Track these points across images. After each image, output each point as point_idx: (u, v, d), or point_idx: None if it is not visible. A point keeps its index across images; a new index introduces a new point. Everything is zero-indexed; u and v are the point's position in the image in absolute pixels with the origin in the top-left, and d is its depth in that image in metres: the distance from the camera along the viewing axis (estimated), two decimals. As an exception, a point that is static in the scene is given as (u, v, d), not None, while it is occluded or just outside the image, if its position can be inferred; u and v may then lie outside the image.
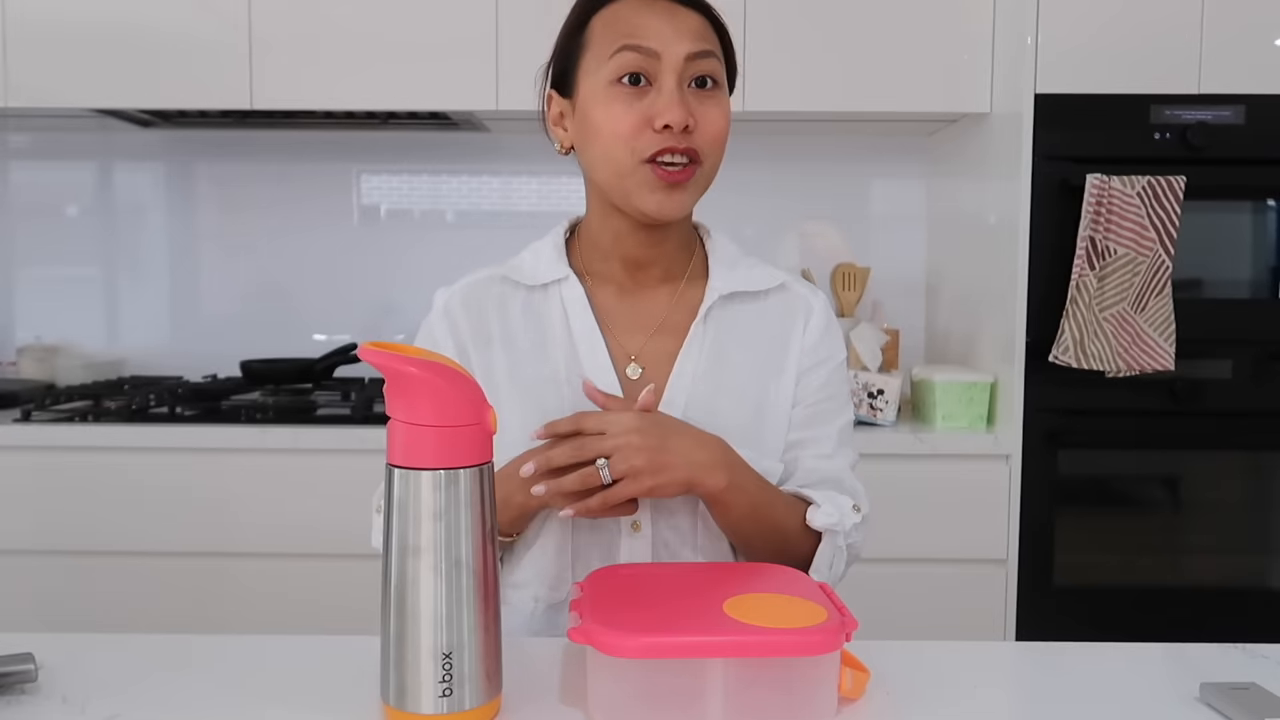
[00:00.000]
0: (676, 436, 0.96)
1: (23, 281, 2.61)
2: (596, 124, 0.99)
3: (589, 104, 1.00)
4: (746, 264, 1.12)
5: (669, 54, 0.98)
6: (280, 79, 2.16)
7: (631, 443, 0.93)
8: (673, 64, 0.98)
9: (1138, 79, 1.96)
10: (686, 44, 0.98)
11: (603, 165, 1.01)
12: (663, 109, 0.97)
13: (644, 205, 1.00)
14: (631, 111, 0.98)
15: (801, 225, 2.56)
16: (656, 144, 0.97)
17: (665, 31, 0.98)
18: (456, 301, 1.09)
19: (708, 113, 0.99)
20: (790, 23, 2.15)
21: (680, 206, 1.01)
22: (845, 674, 0.77)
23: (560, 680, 0.83)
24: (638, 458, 0.93)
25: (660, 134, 0.97)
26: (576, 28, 1.03)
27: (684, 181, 0.99)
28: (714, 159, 1.01)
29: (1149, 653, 0.91)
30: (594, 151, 1.01)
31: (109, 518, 2.01)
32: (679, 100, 0.97)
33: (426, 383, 0.72)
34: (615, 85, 0.98)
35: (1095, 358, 1.93)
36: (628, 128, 0.97)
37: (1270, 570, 2.06)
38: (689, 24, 1.00)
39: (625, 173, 0.99)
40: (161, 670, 0.85)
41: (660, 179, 0.98)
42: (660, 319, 1.08)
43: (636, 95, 0.98)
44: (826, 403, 1.10)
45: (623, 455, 0.93)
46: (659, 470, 0.94)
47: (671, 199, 0.99)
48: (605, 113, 0.99)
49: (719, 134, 1.00)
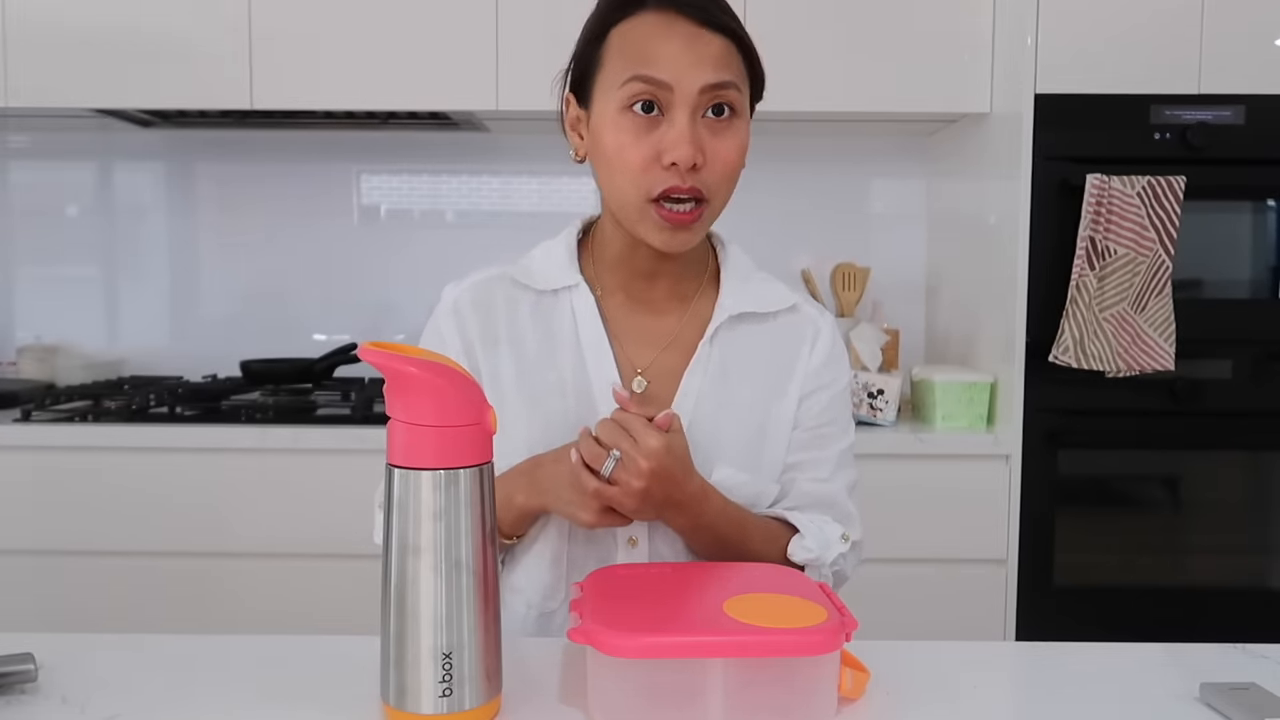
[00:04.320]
0: (678, 479, 0.95)
1: (23, 281, 2.61)
2: (606, 150, 0.98)
3: (601, 126, 0.98)
4: (759, 279, 1.11)
5: (683, 86, 0.94)
6: (280, 79, 2.16)
7: (641, 465, 0.91)
8: (686, 97, 0.94)
9: (1138, 79, 1.96)
10: (704, 75, 0.94)
11: (611, 188, 1.00)
12: (670, 145, 0.94)
13: (650, 240, 0.99)
14: (640, 145, 0.95)
15: (801, 225, 2.56)
16: (663, 182, 0.95)
17: (681, 61, 0.94)
18: (466, 299, 1.08)
19: (720, 147, 0.96)
20: (790, 23, 2.15)
21: (686, 243, 1.00)
22: (845, 674, 0.77)
23: (560, 680, 0.83)
24: (637, 480, 0.92)
25: (668, 171, 0.95)
26: (595, 38, 1.00)
27: (689, 223, 0.97)
28: (723, 195, 0.99)
29: (1149, 653, 0.91)
30: (604, 173, 1.00)
31: (109, 518, 2.01)
32: (689, 137, 0.94)
33: (426, 383, 0.72)
34: (626, 113, 0.96)
35: (1095, 358, 1.93)
36: (636, 161, 0.95)
37: (1270, 570, 2.06)
38: (709, 50, 0.95)
39: (631, 208, 0.98)
40: (161, 670, 0.85)
41: (665, 221, 0.96)
42: (669, 334, 1.07)
43: (647, 126, 0.95)
44: (828, 427, 1.09)
45: (628, 467, 0.92)
46: (645, 499, 0.93)
47: (677, 238, 0.98)
48: (615, 141, 0.96)
49: (729, 169, 0.98)
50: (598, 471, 0.93)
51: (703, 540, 1.01)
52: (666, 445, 0.93)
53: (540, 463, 1.00)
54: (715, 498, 1.00)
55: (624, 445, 0.92)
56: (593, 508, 0.95)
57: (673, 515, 0.97)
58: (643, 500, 0.93)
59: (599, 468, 0.93)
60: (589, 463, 0.93)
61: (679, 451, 0.95)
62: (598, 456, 0.93)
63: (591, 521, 0.95)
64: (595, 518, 0.95)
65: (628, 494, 0.93)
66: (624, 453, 0.92)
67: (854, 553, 1.08)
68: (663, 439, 0.93)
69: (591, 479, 0.93)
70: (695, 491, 0.97)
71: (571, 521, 0.99)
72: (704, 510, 0.98)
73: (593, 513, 0.95)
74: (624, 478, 0.92)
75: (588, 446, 0.94)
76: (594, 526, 0.97)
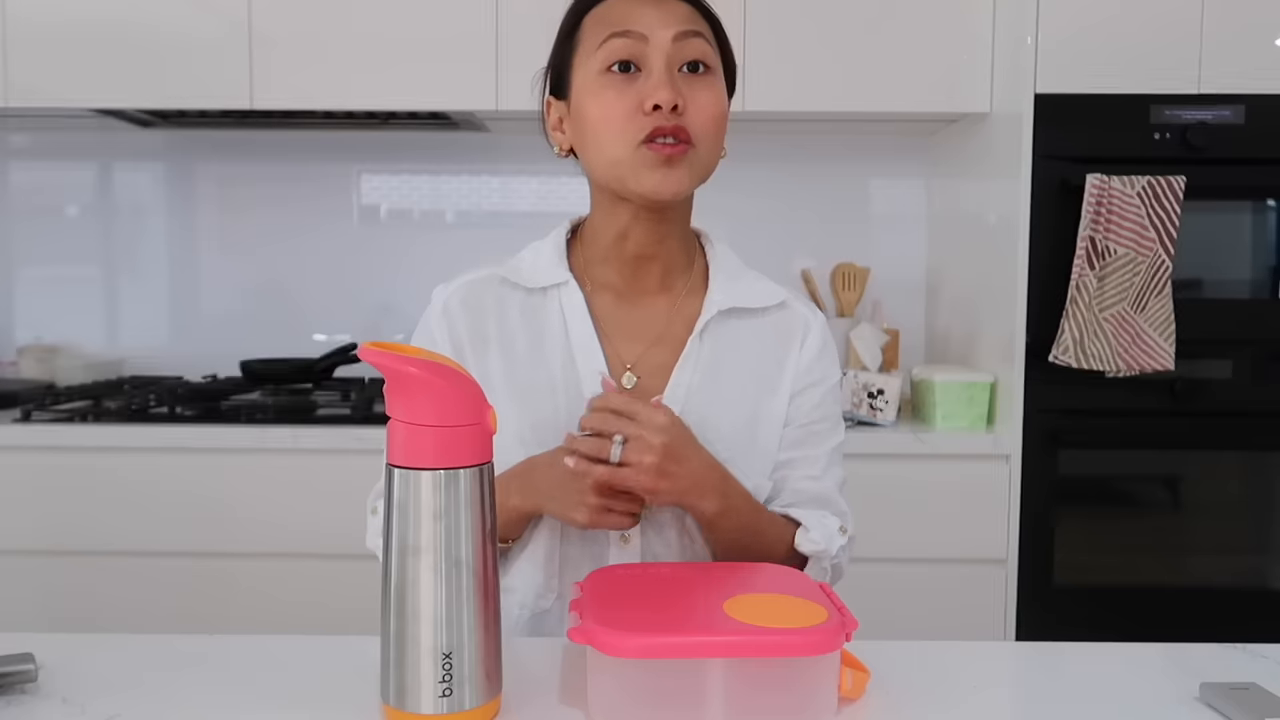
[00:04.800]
0: (692, 452, 0.96)
1: (23, 281, 2.61)
2: (590, 114, 1.00)
3: (582, 96, 1.01)
4: (748, 277, 1.11)
5: (656, 36, 0.98)
6: (280, 79, 2.16)
7: (652, 440, 0.93)
8: (661, 46, 0.98)
9: (1138, 79, 1.96)
10: (674, 25, 0.99)
11: (599, 154, 1.01)
12: (651, 90, 0.97)
13: (642, 186, 0.99)
14: (623, 98, 0.98)
15: (801, 225, 2.56)
16: (648, 125, 0.97)
17: (652, 16, 0.99)
18: (455, 301, 1.08)
19: (698, 95, 0.99)
20: (790, 23, 2.15)
21: (678, 184, 0.99)
22: (845, 674, 0.77)
23: (560, 680, 0.83)
24: (650, 455, 0.93)
25: (651, 115, 0.97)
26: (569, 31, 1.04)
27: (679, 157, 0.98)
28: (708, 143, 1.00)
29: (1149, 653, 0.91)
30: (590, 142, 1.01)
31: (109, 518, 2.01)
32: (668, 81, 0.97)
33: (426, 383, 0.72)
34: (606, 74, 0.99)
35: (1095, 358, 1.93)
36: (620, 113, 0.98)
37: (1270, 570, 2.06)
38: (676, 11, 1.00)
39: (621, 158, 0.99)
40: (161, 670, 0.85)
41: (655, 154, 0.97)
42: (658, 329, 1.07)
43: (627, 82, 0.99)
44: (819, 424, 1.09)
45: (638, 447, 0.93)
46: (663, 475, 0.94)
47: (669, 177, 0.98)
48: (597, 101, 0.99)
49: (711, 116, 1.00)
50: (605, 460, 0.93)
51: (727, 527, 1.00)
52: (673, 418, 0.95)
53: (535, 464, 1.00)
54: (734, 478, 1.00)
55: (629, 429, 0.93)
56: (589, 507, 0.95)
57: (698, 498, 0.97)
58: (658, 476, 0.93)
59: (604, 457, 0.93)
60: (592, 455, 0.94)
61: (682, 425, 0.96)
62: (600, 447, 0.93)
63: (586, 522, 0.95)
64: (591, 518, 0.95)
65: (642, 471, 0.93)
66: (630, 435, 0.92)
67: (849, 547, 1.09)
68: (668, 413, 0.95)
69: (599, 467, 0.93)
70: (712, 464, 0.98)
71: (567, 523, 0.99)
72: (730, 489, 0.99)
73: (588, 513, 0.95)
74: (635, 458, 0.93)
75: (587, 443, 0.94)
76: (589, 528, 0.97)
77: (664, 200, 1.01)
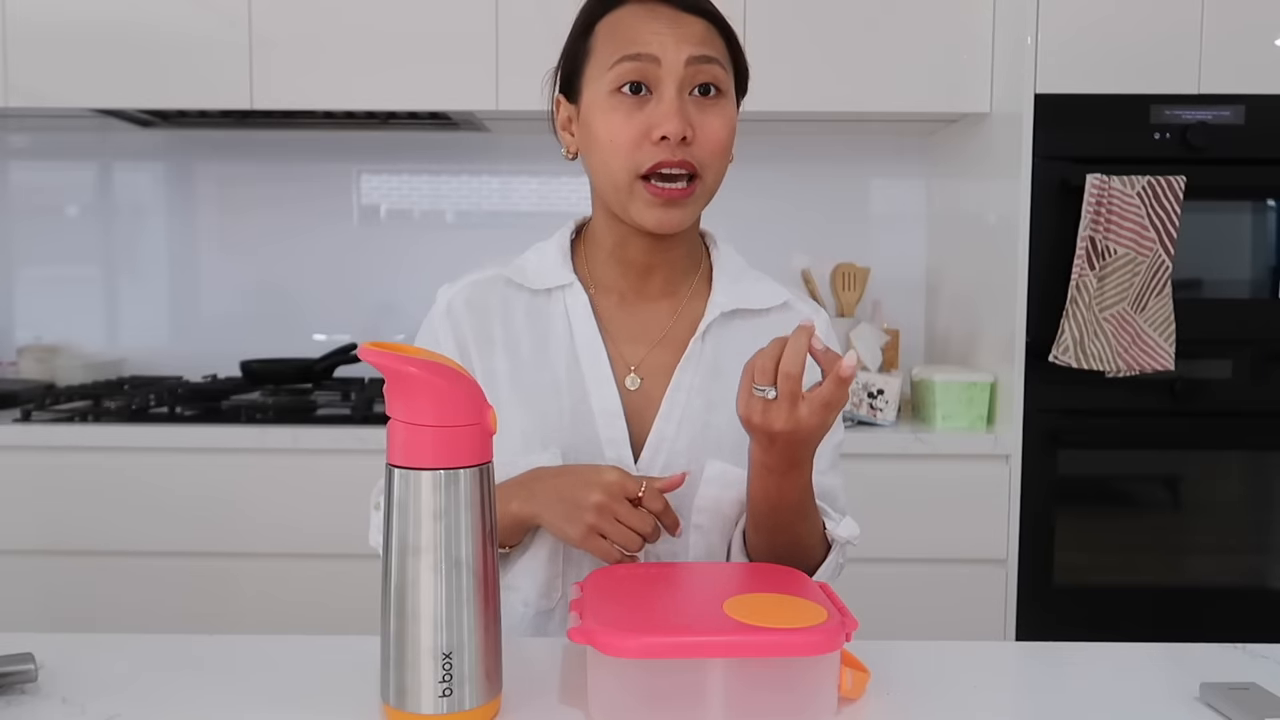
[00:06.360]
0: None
1: (23, 281, 2.61)
2: (597, 134, 0.99)
3: (591, 113, 1.00)
4: (751, 278, 1.11)
5: (669, 59, 0.96)
6: (280, 79, 2.16)
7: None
8: (673, 70, 0.97)
9: (1137, 79, 1.96)
10: (688, 49, 0.97)
11: (603, 173, 1.00)
12: (660, 119, 0.96)
13: (642, 220, 0.99)
14: (630, 122, 0.97)
15: (802, 225, 2.56)
16: (654, 157, 0.96)
17: (666, 37, 0.97)
18: (460, 301, 1.08)
19: (708, 123, 0.98)
20: (790, 23, 2.15)
21: (680, 222, 1.00)
22: (845, 674, 0.77)
23: (560, 680, 0.83)
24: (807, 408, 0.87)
25: (658, 146, 0.96)
26: (582, 33, 1.03)
27: (682, 199, 0.98)
28: (714, 171, 1.00)
29: (1149, 653, 0.91)
30: (595, 159, 1.01)
31: (109, 518, 2.01)
32: (677, 110, 0.96)
33: (427, 383, 0.72)
34: (615, 95, 0.98)
35: (1095, 358, 1.93)
36: (626, 140, 0.97)
37: (1270, 570, 2.06)
38: (692, 30, 0.98)
39: (623, 187, 0.99)
40: (161, 670, 0.85)
41: (655, 197, 0.97)
42: (661, 331, 1.08)
43: (636, 105, 0.97)
44: None
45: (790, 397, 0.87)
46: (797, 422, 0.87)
47: (670, 215, 0.99)
48: (605, 122, 0.98)
49: (719, 145, 0.99)
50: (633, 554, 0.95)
51: (798, 485, 0.94)
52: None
53: (540, 475, 1.00)
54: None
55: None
56: (585, 525, 0.94)
57: (807, 448, 0.91)
58: (796, 421, 0.86)
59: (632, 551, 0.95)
60: (621, 543, 0.94)
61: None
62: (631, 540, 0.94)
63: (578, 540, 0.95)
64: (583, 537, 0.94)
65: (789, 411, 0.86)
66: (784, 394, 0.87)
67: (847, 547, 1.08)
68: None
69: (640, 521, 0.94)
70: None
71: (559, 537, 0.98)
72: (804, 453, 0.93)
73: (582, 531, 0.94)
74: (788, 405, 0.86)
75: (622, 533, 0.94)
76: (579, 547, 0.96)
77: (665, 234, 1.01)
